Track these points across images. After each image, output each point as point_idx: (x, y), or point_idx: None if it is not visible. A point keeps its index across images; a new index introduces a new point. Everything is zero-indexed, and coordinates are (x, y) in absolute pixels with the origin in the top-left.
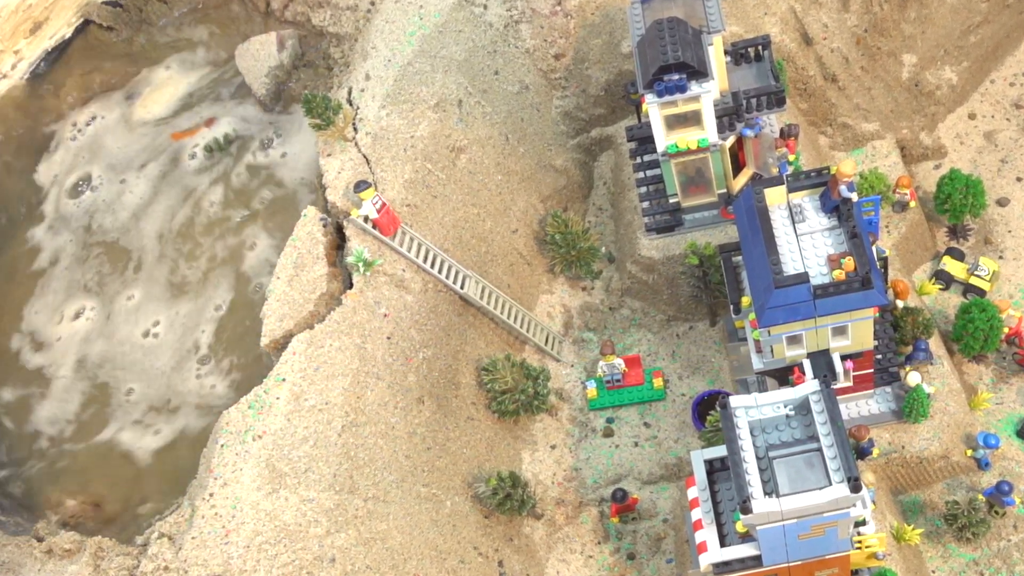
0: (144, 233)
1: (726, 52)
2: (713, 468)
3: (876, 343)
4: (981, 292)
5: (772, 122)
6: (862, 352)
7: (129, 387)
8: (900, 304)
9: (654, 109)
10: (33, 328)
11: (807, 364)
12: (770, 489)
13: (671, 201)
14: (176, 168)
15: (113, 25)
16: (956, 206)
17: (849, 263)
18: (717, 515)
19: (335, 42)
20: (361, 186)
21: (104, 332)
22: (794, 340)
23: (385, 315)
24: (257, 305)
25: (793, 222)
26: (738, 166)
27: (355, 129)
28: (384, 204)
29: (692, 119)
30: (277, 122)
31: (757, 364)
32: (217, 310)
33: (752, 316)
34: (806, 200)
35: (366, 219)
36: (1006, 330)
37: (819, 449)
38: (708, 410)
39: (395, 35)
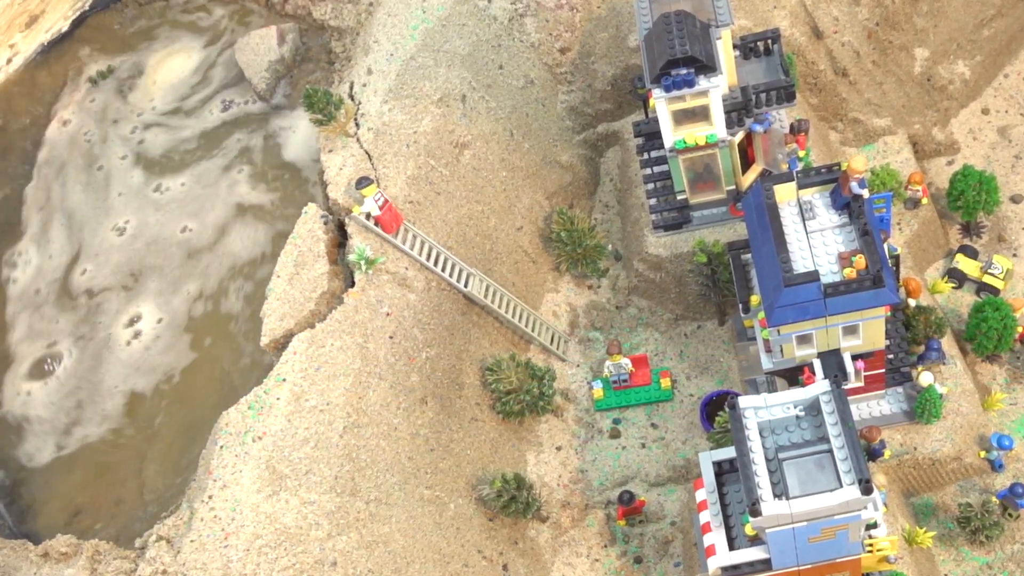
0: (107, 155)
1: (735, 46)
2: (722, 470)
3: (888, 342)
4: (995, 290)
5: (782, 117)
6: (873, 352)
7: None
8: (912, 303)
9: (662, 104)
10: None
11: (817, 364)
12: (780, 491)
13: (679, 198)
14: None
15: (111, 21)
16: (969, 203)
17: (860, 261)
18: (726, 518)
19: (336, 36)
20: (363, 183)
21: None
22: (804, 339)
23: (387, 314)
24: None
25: (803, 219)
26: (747, 162)
27: (357, 124)
28: (386, 201)
29: (700, 114)
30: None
31: (766, 364)
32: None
33: (761, 315)
34: (816, 197)
35: (368, 216)
36: (1020, 329)
37: (830, 450)
38: (717, 411)
39: (397, 29)
